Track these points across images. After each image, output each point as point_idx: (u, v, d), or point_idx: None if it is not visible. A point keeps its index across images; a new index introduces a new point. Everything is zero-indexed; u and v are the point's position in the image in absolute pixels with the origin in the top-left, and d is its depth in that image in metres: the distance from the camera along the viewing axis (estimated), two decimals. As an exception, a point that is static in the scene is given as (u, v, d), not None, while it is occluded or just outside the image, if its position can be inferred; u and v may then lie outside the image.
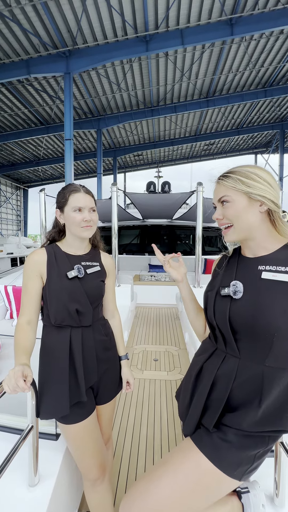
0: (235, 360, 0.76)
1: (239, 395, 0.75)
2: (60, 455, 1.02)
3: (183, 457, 0.76)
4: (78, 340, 0.98)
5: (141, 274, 5.53)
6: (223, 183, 0.77)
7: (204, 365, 0.84)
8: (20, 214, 24.03)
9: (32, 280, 0.99)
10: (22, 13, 7.20)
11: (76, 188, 1.02)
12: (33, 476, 0.89)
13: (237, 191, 0.75)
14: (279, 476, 0.86)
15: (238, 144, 20.21)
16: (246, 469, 0.73)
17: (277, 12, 7.67)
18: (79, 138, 15.83)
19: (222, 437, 0.74)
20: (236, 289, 0.76)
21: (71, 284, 0.99)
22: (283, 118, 15.94)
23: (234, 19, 7.77)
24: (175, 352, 3.01)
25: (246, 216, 0.75)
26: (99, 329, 1.08)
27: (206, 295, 0.87)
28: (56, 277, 0.98)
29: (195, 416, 0.80)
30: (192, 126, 15.98)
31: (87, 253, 1.10)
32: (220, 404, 0.76)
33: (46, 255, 1.02)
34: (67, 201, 1.01)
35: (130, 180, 39.84)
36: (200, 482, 0.72)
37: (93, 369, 1.02)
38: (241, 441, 0.73)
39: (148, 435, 1.74)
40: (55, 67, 8.65)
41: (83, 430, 0.97)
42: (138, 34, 8.08)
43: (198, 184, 3.47)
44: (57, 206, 1.05)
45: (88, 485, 1.02)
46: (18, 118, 12.89)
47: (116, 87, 11.13)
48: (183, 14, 7.78)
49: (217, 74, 11.03)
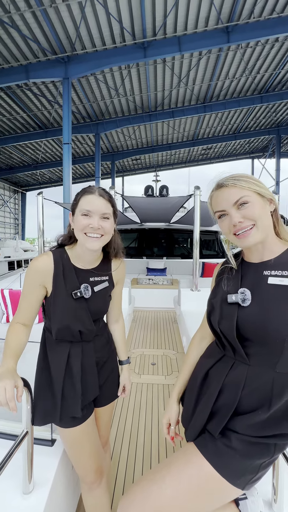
0: (244, 366, 0.74)
1: (248, 402, 0.73)
2: (56, 461, 1.00)
3: (187, 461, 0.74)
4: (77, 353, 0.95)
5: (139, 278, 5.52)
6: (236, 185, 0.74)
7: (210, 371, 0.82)
8: (18, 217, 23.99)
9: (34, 289, 0.92)
10: (21, 20, 7.30)
11: (90, 189, 0.89)
12: (28, 483, 0.87)
13: (252, 191, 0.73)
14: (277, 482, 0.85)
15: (235, 149, 20.45)
16: (250, 478, 0.71)
17: (272, 20, 7.85)
18: (77, 142, 15.92)
19: (226, 443, 0.72)
20: (245, 297, 0.74)
21: (76, 304, 0.92)
22: (279, 124, 16.18)
23: (230, 27, 7.93)
24: (173, 356, 2.99)
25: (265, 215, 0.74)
26: (101, 342, 1.04)
27: (211, 303, 0.85)
28: (62, 295, 0.91)
29: (200, 421, 0.78)
30: (189, 131, 16.16)
31: (96, 267, 0.98)
32: (228, 411, 0.74)
33: (52, 263, 0.91)
34: (78, 203, 0.89)
35: (128, 184, 39.98)
36: (202, 487, 0.70)
37: (94, 382, 0.99)
38: (246, 448, 0.71)
39: (145, 439, 1.73)
40: (54, 73, 8.74)
41: (81, 433, 0.95)
42: (136, 40, 8.21)
43: (195, 188, 3.49)
44: (71, 209, 0.94)
45: (85, 488, 1.01)
46: (16, 122, 12.96)
47: (114, 92, 11.25)
48: (180, 22, 7.93)
49: (214, 80, 11.21)
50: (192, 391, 0.86)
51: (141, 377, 2.51)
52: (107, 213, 0.89)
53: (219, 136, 17.30)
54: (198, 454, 0.74)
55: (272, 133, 16.58)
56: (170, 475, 0.73)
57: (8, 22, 7.25)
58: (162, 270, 6.01)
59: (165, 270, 6.04)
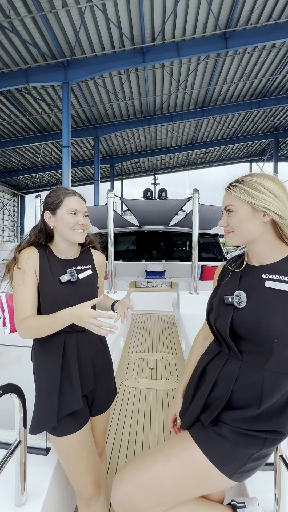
0: (237, 362, 0.79)
1: (239, 397, 0.76)
2: (50, 471, 0.97)
3: (180, 445, 0.79)
4: (73, 346, 0.96)
5: (137, 281, 5.49)
6: (230, 192, 0.81)
7: (207, 366, 0.87)
8: (17, 220, 23.95)
9: (31, 276, 0.94)
10: (21, 25, 7.36)
11: (71, 191, 1.01)
12: (20, 495, 0.84)
13: (241, 201, 0.78)
14: (279, 491, 0.82)
15: (233, 153, 20.59)
16: (239, 467, 0.73)
17: (269, 27, 7.96)
18: (76, 145, 15.99)
19: (217, 431, 0.77)
20: (240, 300, 0.78)
21: (64, 289, 0.96)
22: (277, 128, 16.35)
23: (228, 33, 8.04)
24: (172, 360, 2.95)
25: (248, 225, 0.78)
26: (94, 335, 1.04)
27: (211, 302, 0.89)
28: (50, 281, 0.95)
29: (195, 412, 0.83)
30: (188, 134, 16.28)
31: (78, 257, 1.07)
32: (220, 403, 0.78)
33: (37, 252, 0.98)
34: (62, 203, 0.97)
35: (126, 187, 40.19)
36: (191, 469, 0.75)
37: (89, 374, 0.99)
38: (235, 437, 0.74)
39: (144, 447, 1.68)
40: (53, 77, 8.80)
41: (77, 443, 0.91)
42: (135, 46, 8.30)
43: (194, 191, 3.49)
44: (47, 208, 1.00)
45: (82, 504, 0.96)
46: (16, 125, 13.01)
47: (113, 96, 11.33)
48: (178, 28, 8.03)
49: (212, 85, 11.33)
50: (191, 384, 0.91)
51: (140, 381, 2.47)
52: (87, 212, 1.03)
53: (217, 140, 17.43)
54: (191, 440, 0.78)
55: (270, 137, 16.74)
56: (162, 454, 0.78)
57: (8, 27, 7.31)
58: (161, 273, 5.99)
59: (164, 273, 6.02)
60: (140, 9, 7.19)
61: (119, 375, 2.57)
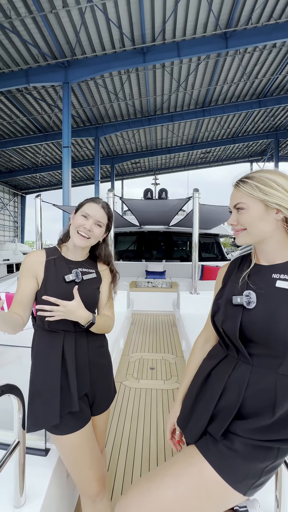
0: (247, 367, 0.73)
1: (251, 404, 0.71)
2: (49, 472, 0.96)
3: (188, 463, 0.72)
4: (71, 345, 0.96)
5: (137, 281, 5.49)
6: (240, 189, 0.76)
7: (212, 372, 0.81)
8: (17, 220, 23.98)
9: (26, 279, 0.98)
10: (22, 25, 7.37)
11: (97, 199, 1.06)
12: (19, 496, 0.83)
13: (253, 198, 0.73)
14: (280, 494, 0.81)
15: (234, 153, 20.58)
16: (253, 483, 0.69)
17: (270, 26, 7.96)
18: (77, 145, 16.00)
19: (228, 445, 0.70)
20: (250, 300, 0.74)
21: (68, 288, 0.97)
22: (277, 128, 16.33)
23: (229, 33, 8.04)
24: (172, 360, 2.95)
25: (261, 224, 0.74)
26: (94, 335, 1.05)
27: (217, 304, 0.84)
28: (53, 279, 0.98)
29: (201, 423, 0.76)
30: (188, 134, 16.27)
31: (85, 260, 1.09)
32: (230, 413, 0.72)
33: (44, 255, 1.02)
34: (82, 206, 1.04)
35: (127, 187, 40.23)
36: (203, 490, 0.68)
37: (86, 376, 0.99)
38: (249, 451, 0.69)
39: (143, 447, 1.67)
40: (54, 77, 8.81)
41: (80, 440, 0.91)
42: (135, 46, 8.30)
43: (194, 191, 3.48)
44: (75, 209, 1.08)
45: (88, 503, 0.95)
46: (16, 126, 13.03)
47: (114, 96, 11.34)
48: (179, 28, 8.02)
49: (212, 85, 11.32)
50: (192, 391, 0.85)
51: (140, 382, 2.47)
52: (101, 221, 1.03)
53: (217, 140, 17.42)
54: (199, 456, 0.72)
55: (270, 137, 16.73)
56: (170, 476, 0.71)
57: (9, 27, 7.32)
58: (161, 273, 5.98)
59: (164, 273, 6.02)
60: (140, 9, 7.19)
61: (119, 375, 2.57)
